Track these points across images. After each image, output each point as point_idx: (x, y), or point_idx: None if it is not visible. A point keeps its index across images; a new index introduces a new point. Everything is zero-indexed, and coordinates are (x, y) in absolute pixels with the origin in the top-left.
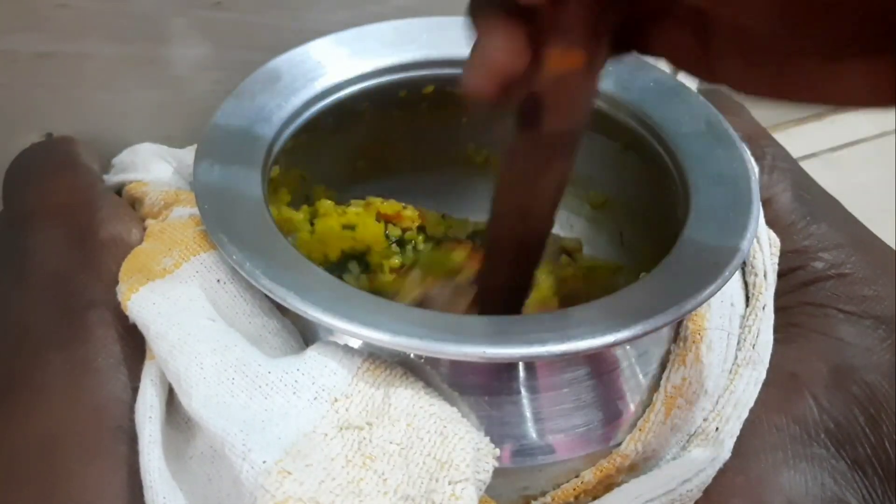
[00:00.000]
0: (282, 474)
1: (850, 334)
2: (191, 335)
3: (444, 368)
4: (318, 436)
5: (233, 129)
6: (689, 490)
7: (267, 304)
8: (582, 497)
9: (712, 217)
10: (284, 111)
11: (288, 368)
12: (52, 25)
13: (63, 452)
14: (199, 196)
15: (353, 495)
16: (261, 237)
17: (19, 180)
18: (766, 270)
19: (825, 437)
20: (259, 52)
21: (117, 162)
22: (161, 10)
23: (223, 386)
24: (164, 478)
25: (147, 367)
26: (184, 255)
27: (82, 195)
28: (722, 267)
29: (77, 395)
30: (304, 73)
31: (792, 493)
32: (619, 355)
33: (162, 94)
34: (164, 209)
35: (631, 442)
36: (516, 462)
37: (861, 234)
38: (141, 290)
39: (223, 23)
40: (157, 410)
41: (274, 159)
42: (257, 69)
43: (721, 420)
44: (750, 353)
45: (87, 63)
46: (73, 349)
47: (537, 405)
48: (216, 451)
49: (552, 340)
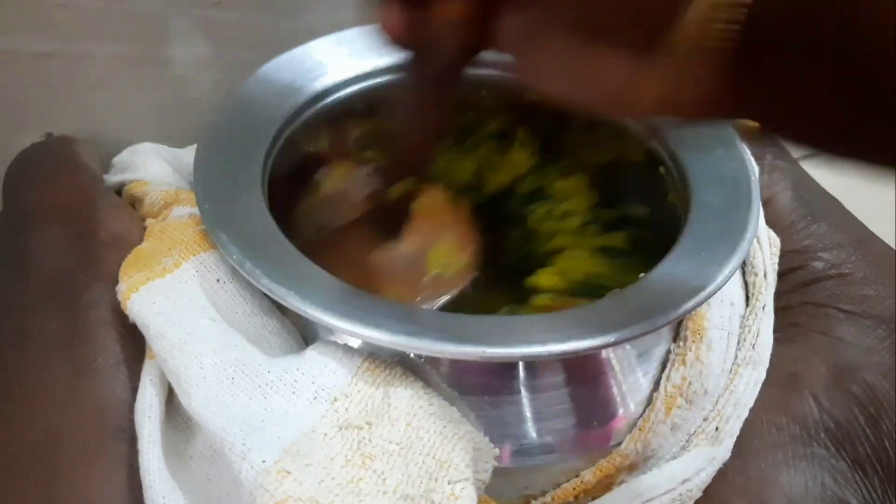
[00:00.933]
0: (281, 474)
1: (851, 334)
2: (191, 335)
3: (444, 368)
4: (317, 435)
5: (233, 129)
6: (689, 490)
7: (267, 304)
8: (582, 497)
9: (712, 216)
10: (284, 111)
11: (288, 368)
12: (52, 25)
13: (63, 452)
14: (199, 196)
15: (353, 495)
16: (261, 237)
17: (19, 180)
18: (766, 270)
19: (825, 437)
20: (259, 52)
21: (117, 162)
22: (161, 10)
23: (223, 385)
24: (164, 477)
25: (147, 366)
26: (184, 254)
27: (82, 195)
28: (722, 266)
29: (77, 394)
30: (304, 73)
31: (792, 493)
32: (619, 355)
33: (162, 94)
34: (164, 209)
35: (631, 442)
36: (516, 462)
37: (861, 233)
38: (141, 290)
39: (223, 23)
40: (156, 410)
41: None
42: (257, 69)
43: (721, 420)
44: (750, 352)
45: (87, 63)
46: (74, 349)
47: (537, 405)
48: (216, 450)
49: (552, 340)
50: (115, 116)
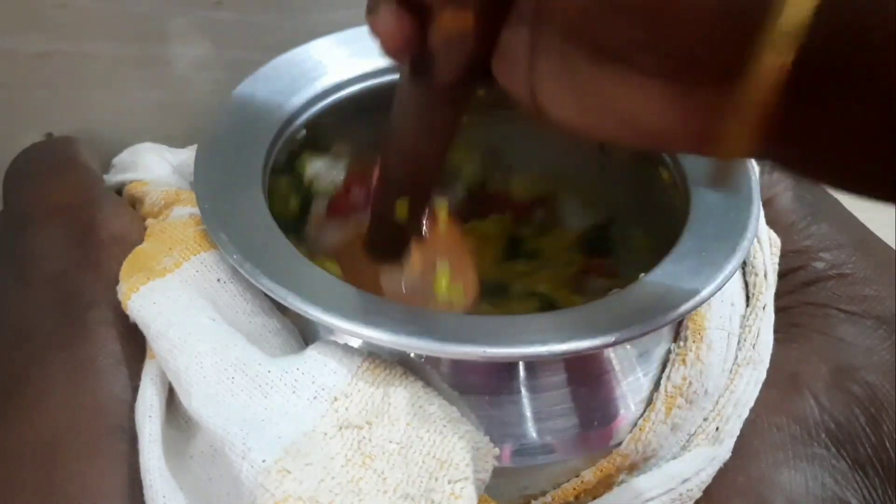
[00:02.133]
0: (281, 473)
1: (851, 334)
2: (191, 334)
3: (445, 368)
4: (317, 435)
5: (233, 129)
6: (690, 489)
7: (267, 304)
8: (582, 496)
9: (712, 216)
10: (285, 111)
11: (288, 368)
12: (52, 25)
13: (64, 451)
14: (199, 196)
15: (353, 494)
16: (261, 237)
17: (20, 180)
18: (766, 270)
19: (826, 437)
20: (259, 52)
21: (117, 162)
22: (161, 10)
23: (223, 385)
24: (164, 477)
25: (147, 366)
26: (184, 254)
27: (83, 195)
28: (722, 267)
29: (78, 394)
30: (304, 73)
31: (792, 493)
32: (619, 355)
33: (162, 94)
34: (164, 209)
35: (631, 441)
36: (516, 461)
37: (862, 234)
38: (141, 290)
39: (223, 23)
40: (157, 410)
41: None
42: (257, 69)
43: (721, 420)
44: (750, 352)
45: (87, 63)
46: (74, 348)
47: (537, 405)
48: (216, 449)
49: (553, 340)
50: (115, 116)
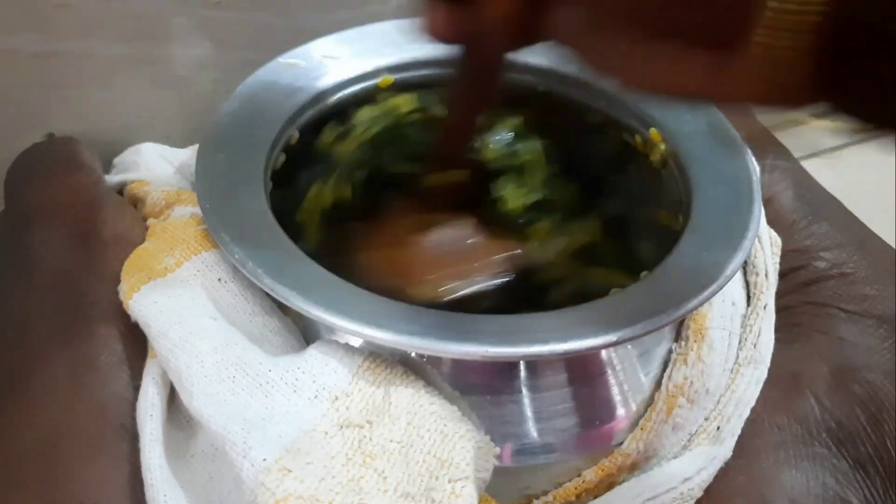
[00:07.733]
0: (282, 472)
1: (852, 334)
2: (192, 333)
3: (446, 367)
4: (318, 434)
5: (234, 129)
6: (691, 489)
7: (268, 303)
8: (583, 496)
9: (713, 216)
10: (285, 111)
11: (289, 367)
12: (53, 25)
13: (65, 450)
14: (200, 195)
15: (354, 493)
16: (262, 236)
17: (21, 180)
18: (767, 270)
19: (827, 437)
20: (259, 52)
21: (119, 162)
22: (161, 10)
23: (224, 384)
24: (165, 476)
25: (149, 365)
26: (185, 254)
27: (84, 195)
28: (723, 266)
29: (79, 393)
30: (304, 73)
31: (794, 493)
32: (620, 354)
33: (162, 94)
34: (165, 209)
35: (632, 441)
36: (518, 461)
37: (862, 233)
38: (143, 289)
39: (223, 23)
40: (158, 409)
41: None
42: (257, 69)
43: (722, 419)
44: (751, 352)
45: (87, 63)
46: (76, 348)
47: (539, 404)
48: (217, 449)
49: (554, 339)
50: (115, 116)
